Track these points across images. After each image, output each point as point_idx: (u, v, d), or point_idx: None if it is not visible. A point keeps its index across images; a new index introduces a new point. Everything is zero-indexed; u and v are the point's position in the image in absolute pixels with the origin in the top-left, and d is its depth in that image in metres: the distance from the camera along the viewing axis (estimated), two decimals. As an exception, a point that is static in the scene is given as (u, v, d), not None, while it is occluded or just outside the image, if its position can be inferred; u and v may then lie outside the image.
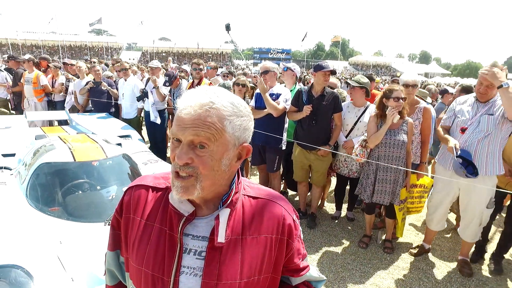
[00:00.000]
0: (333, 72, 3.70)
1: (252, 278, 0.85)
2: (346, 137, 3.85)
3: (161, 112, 5.65)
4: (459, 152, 2.81)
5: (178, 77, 5.36)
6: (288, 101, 3.78)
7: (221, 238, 0.82)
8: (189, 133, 0.75)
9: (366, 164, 3.39)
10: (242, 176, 0.97)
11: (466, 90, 4.74)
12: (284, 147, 3.96)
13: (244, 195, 0.90)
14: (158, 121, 5.48)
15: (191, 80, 5.02)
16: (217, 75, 6.46)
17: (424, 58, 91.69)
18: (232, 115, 0.78)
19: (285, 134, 3.97)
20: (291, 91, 4.16)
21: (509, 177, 3.06)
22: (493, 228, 3.81)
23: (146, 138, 6.40)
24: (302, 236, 0.98)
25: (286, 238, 0.90)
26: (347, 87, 4.11)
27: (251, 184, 0.96)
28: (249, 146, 0.85)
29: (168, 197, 0.88)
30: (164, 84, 5.26)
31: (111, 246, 0.99)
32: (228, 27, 8.58)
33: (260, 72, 3.95)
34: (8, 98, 7.12)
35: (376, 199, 3.31)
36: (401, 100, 3.12)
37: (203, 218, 0.85)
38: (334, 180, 4.65)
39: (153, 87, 5.31)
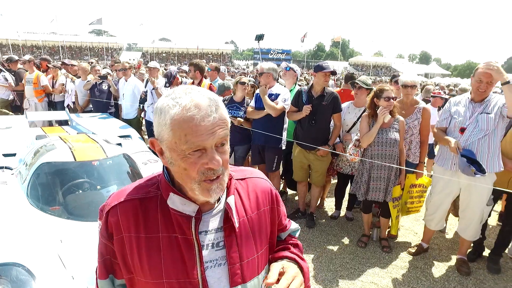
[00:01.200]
0: (333, 73, 3.72)
1: (263, 248, 0.96)
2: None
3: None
4: (462, 151, 2.83)
5: (177, 76, 5.37)
6: (287, 100, 3.80)
7: (236, 223, 0.89)
8: (216, 137, 0.76)
9: (361, 163, 3.42)
10: None
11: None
12: (284, 147, 3.98)
13: (235, 179, 0.96)
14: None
15: (190, 81, 5.02)
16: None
17: (424, 59, 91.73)
18: (220, 102, 0.81)
19: (284, 134, 3.99)
20: (290, 91, 4.19)
21: None
22: (489, 226, 3.83)
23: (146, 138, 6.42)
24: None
25: (276, 206, 1.02)
26: (352, 87, 4.12)
27: (232, 167, 0.99)
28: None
29: (162, 205, 0.86)
30: (165, 86, 5.29)
31: (103, 274, 0.92)
32: (260, 37, 8.47)
33: (256, 73, 4.00)
34: (9, 98, 7.15)
35: (370, 196, 3.34)
36: (391, 100, 3.16)
37: (209, 212, 0.89)
38: (333, 180, 4.67)
39: (152, 88, 5.34)
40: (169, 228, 0.85)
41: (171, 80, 5.28)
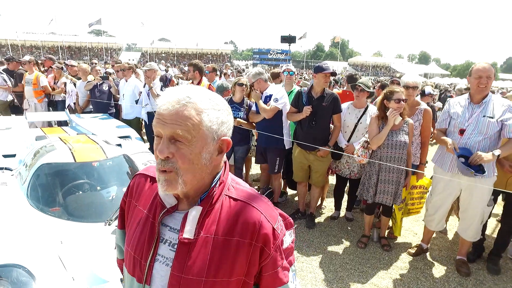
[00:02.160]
0: (333, 74, 3.73)
1: (221, 279, 0.85)
2: (348, 140, 3.85)
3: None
4: (458, 151, 2.84)
5: (172, 79, 5.40)
6: (280, 99, 3.81)
7: (187, 234, 0.85)
8: (168, 128, 0.79)
9: (368, 165, 3.41)
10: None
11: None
12: (288, 146, 4.00)
13: (226, 195, 0.91)
14: (146, 118, 5.60)
15: (190, 81, 5.03)
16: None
17: (424, 59, 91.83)
18: (209, 109, 0.82)
19: (286, 133, 4.00)
20: (290, 93, 4.20)
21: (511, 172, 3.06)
22: (489, 227, 3.84)
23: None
24: (285, 246, 0.92)
25: (261, 245, 0.86)
26: (352, 89, 4.12)
27: (239, 185, 0.95)
28: (229, 140, 0.88)
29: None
30: (161, 90, 5.35)
31: (120, 224, 1.11)
32: (291, 40, 8.41)
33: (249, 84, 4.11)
34: (8, 100, 7.14)
35: (379, 199, 3.34)
36: (402, 102, 3.14)
37: (181, 212, 0.90)
38: (332, 180, 4.68)
39: (149, 89, 5.38)
40: (151, 209, 0.93)
41: (167, 84, 5.31)
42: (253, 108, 4.13)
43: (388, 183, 3.28)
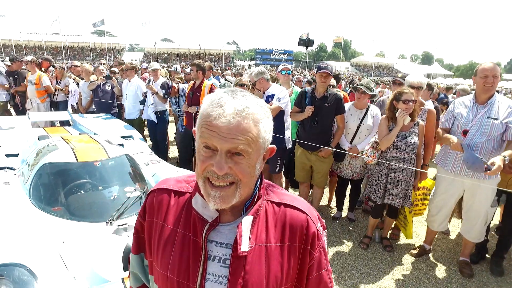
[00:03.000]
0: (337, 78, 3.70)
1: (279, 287, 0.83)
2: (351, 141, 3.83)
3: (162, 113, 5.68)
4: (463, 151, 2.80)
5: (173, 85, 5.42)
6: (283, 99, 3.80)
7: (244, 246, 0.80)
8: (228, 143, 0.72)
9: (377, 165, 3.39)
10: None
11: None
12: (289, 146, 3.98)
13: (267, 200, 0.87)
14: (153, 117, 5.61)
15: (192, 82, 5.02)
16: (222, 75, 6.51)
17: (427, 59, 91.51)
18: (263, 118, 0.77)
19: (287, 132, 3.98)
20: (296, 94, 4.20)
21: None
22: (492, 228, 3.81)
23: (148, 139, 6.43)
24: (326, 248, 0.92)
25: (309, 246, 0.86)
26: (354, 91, 4.10)
27: (275, 188, 0.93)
28: (274, 147, 0.84)
29: (190, 202, 0.87)
30: (163, 96, 5.39)
31: (135, 249, 1.00)
32: (309, 43, 8.27)
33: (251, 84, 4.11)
34: (7, 100, 7.17)
35: (388, 200, 3.32)
36: (410, 103, 3.13)
37: (226, 224, 0.84)
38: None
39: (153, 93, 5.39)
40: (187, 226, 0.85)
41: (168, 91, 5.32)
42: None
43: (398, 184, 3.26)
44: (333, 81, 4.91)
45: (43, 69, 7.21)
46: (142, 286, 1.04)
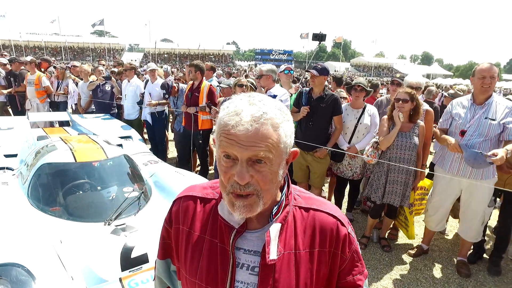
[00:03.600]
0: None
1: None
2: (349, 141, 3.83)
3: (160, 114, 5.69)
4: (462, 151, 2.82)
5: (173, 85, 5.43)
6: (284, 101, 3.80)
7: (273, 255, 0.78)
8: (248, 151, 0.70)
9: (377, 165, 3.40)
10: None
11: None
12: None
13: (295, 206, 0.86)
14: (148, 118, 5.64)
15: (190, 82, 5.03)
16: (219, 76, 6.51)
17: (426, 59, 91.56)
18: (283, 122, 0.74)
19: None
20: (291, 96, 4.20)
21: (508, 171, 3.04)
22: (489, 228, 3.82)
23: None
24: (359, 251, 0.90)
25: (340, 251, 0.84)
26: (348, 90, 4.10)
27: (302, 192, 0.91)
28: (297, 150, 0.81)
29: (216, 208, 0.86)
30: (164, 97, 5.41)
31: (161, 255, 1.00)
32: (322, 38, 8.11)
33: (256, 76, 4.01)
34: (4, 100, 7.17)
35: (387, 199, 3.34)
36: (401, 101, 3.16)
37: (254, 232, 0.82)
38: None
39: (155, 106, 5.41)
40: (214, 233, 0.84)
41: (169, 91, 5.33)
42: None
43: (397, 184, 3.28)
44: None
45: (42, 69, 7.22)
46: None
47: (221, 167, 0.76)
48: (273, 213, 0.82)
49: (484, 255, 3.46)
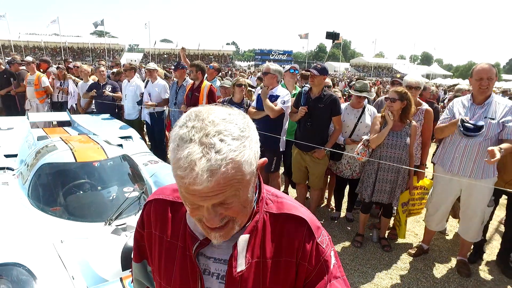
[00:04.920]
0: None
1: None
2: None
3: (159, 114, 5.69)
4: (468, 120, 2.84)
5: (185, 69, 5.36)
6: (287, 103, 3.79)
7: (240, 266, 0.77)
8: (212, 200, 0.65)
9: (368, 164, 3.42)
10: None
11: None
12: (282, 149, 3.98)
13: (266, 211, 0.83)
14: (147, 118, 5.65)
15: (191, 82, 5.03)
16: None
17: (426, 60, 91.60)
18: (245, 149, 0.64)
19: (284, 136, 3.99)
20: (293, 95, 4.19)
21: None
22: (490, 228, 3.82)
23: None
24: (333, 261, 0.85)
25: (306, 263, 0.81)
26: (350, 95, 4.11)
27: (276, 196, 0.87)
28: (264, 160, 0.75)
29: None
30: (169, 75, 5.30)
31: (137, 258, 0.98)
32: (336, 37, 8.06)
33: (261, 72, 3.99)
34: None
35: (375, 198, 3.35)
36: (389, 101, 3.21)
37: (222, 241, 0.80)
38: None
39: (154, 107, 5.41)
40: (183, 240, 0.83)
41: (177, 67, 5.28)
42: (253, 104, 4.05)
43: (386, 182, 3.30)
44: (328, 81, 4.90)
45: (41, 70, 7.21)
46: None
47: (187, 206, 0.70)
48: (245, 225, 0.80)
49: (484, 255, 3.46)
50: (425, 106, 3.60)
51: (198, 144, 0.61)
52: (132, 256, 1.01)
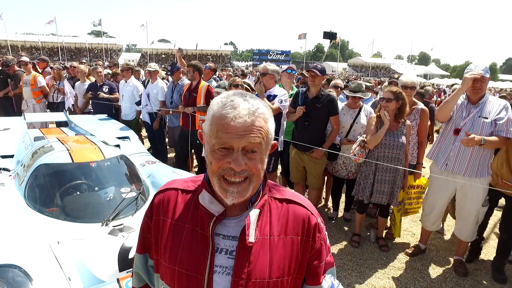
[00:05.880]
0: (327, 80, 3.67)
1: (281, 278, 0.87)
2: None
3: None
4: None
5: (180, 70, 5.37)
6: (284, 102, 3.80)
7: (251, 237, 0.84)
8: (244, 140, 0.78)
9: (365, 165, 3.41)
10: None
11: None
12: (280, 149, 3.98)
13: (271, 197, 0.93)
14: (147, 119, 5.64)
15: (187, 83, 5.02)
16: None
17: (424, 60, 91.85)
18: (270, 117, 0.84)
19: (282, 136, 3.99)
20: (291, 95, 4.19)
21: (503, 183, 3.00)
22: (488, 227, 3.83)
23: (146, 141, 6.43)
24: (327, 240, 0.98)
25: (310, 240, 0.91)
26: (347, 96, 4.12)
27: (277, 186, 0.98)
28: (276, 142, 0.90)
29: (196, 199, 0.92)
30: (166, 73, 5.32)
31: (140, 249, 1.02)
32: (333, 36, 8.10)
33: (259, 72, 3.97)
34: None
35: (374, 199, 3.35)
36: (384, 101, 3.22)
37: (233, 218, 0.88)
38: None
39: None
40: (194, 221, 0.89)
41: (173, 70, 5.31)
42: None
43: (384, 183, 3.30)
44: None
45: (40, 70, 7.17)
46: (144, 286, 1.07)
47: (214, 156, 0.81)
48: (252, 201, 0.89)
49: (482, 255, 3.47)
50: (420, 105, 3.61)
51: (241, 98, 0.82)
52: (135, 249, 1.04)
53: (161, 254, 0.93)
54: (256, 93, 3.99)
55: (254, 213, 0.86)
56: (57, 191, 2.63)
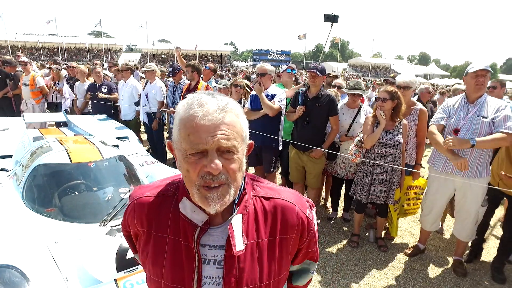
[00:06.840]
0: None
1: (273, 279, 0.85)
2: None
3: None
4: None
5: (181, 70, 5.37)
6: (283, 101, 3.79)
7: (239, 246, 0.80)
8: (217, 140, 0.71)
9: (362, 164, 3.41)
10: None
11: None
12: (280, 147, 3.98)
13: (255, 196, 0.88)
14: (145, 119, 5.65)
15: (187, 82, 5.02)
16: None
17: (424, 60, 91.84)
18: (241, 114, 0.79)
19: (281, 134, 3.98)
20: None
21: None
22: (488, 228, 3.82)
23: (146, 141, 6.42)
24: (316, 232, 0.96)
25: (299, 235, 0.89)
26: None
27: (261, 183, 0.93)
28: (252, 142, 0.86)
29: (175, 207, 0.85)
30: (168, 75, 5.34)
31: (134, 250, 1.00)
32: (334, 19, 7.93)
33: (257, 73, 3.96)
34: None
35: (372, 198, 3.35)
36: (380, 100, 3.22)
37: (217, 227, 0.83)
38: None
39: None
40: (177, 231, 0.83)
41: (175, 71, 5.32)
42: (247, 105, 4.02)
43: (382, 182, 3.30)
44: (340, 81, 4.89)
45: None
46: None
47: (189, 162, 0.74)
48: (235, 204, 0.83)
49: (482, 256, 3.46)
50: (419, 105, 3.61)
51: (208, 96, 0.76)
52: (130, 252, 1.05)
53: (144, 265, 0.89)
54: (252, 92, 3.98)
55: (236, 220, 0.81)
56: (55, 191, 2.63)
